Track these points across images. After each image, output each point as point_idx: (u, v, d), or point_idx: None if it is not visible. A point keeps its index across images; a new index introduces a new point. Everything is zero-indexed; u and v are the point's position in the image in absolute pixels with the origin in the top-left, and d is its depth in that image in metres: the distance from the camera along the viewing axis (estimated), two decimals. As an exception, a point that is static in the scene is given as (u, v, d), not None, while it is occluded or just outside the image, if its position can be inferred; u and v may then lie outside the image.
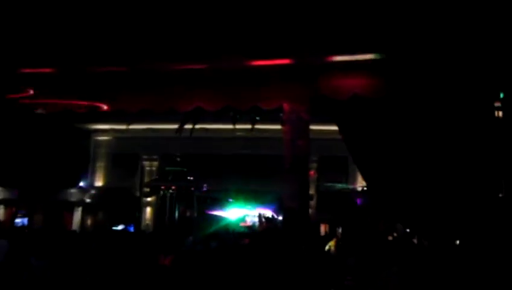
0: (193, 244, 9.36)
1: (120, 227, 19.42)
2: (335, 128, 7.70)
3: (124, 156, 20.33)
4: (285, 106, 7.71)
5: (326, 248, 9.36)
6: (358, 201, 19.65)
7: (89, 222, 19.07)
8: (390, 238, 14.61)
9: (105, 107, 7.85)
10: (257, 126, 10.66)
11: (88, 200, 19.12)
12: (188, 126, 10.19)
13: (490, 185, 6.63)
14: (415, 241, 10.53)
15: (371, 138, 6.98)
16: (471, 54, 6.40)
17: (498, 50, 6.31)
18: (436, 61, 6.55)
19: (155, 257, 7.13)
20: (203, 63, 7.24)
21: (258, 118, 9.90)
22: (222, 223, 20.48)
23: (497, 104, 6.84)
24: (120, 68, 7.42)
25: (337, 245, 8.38)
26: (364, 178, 7.43)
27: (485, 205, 6.54)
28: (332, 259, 8.00)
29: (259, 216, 18.03)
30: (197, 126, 10.21)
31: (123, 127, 18.99)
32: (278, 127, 9.17)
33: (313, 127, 9.15)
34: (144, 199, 21.04)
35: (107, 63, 7.30)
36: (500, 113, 6.76)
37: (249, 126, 10.87)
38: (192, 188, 20.39)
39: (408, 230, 10.17)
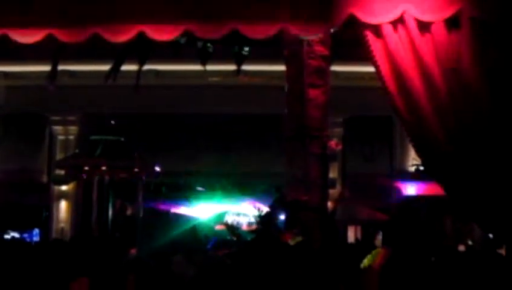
0: (137, 262, 9.43)
1: (13, 235, 19.45)
2: (371, 69, 7.69)
3: (21, 118, 20.26)
4: (287, 33, 7.67)
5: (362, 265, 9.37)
6: (410, 189, 19.86)
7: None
8: (462, 248, 14.85)
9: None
10: (245, 67, 10.64)
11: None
12: (129, 68, 10.13)
13: None
14: (503, 253, 10.68)
15: (435, 82, 7.01)
16: None
17: None
18: None
19: (74, 284, 7.16)
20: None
21: (245, 51, 9.88)
22: (186, 226, 20.61)
23: None
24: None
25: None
26: (420, 151, 7.46)
27: None
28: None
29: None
30: (145, 68, 10.20)
31: (20, 69, 18.80)
32: (280, 68, 9.16)
33: (335, 68, 9.13)
34: (56, 187, 21.07)
35: None
36: None
37: (229, 67, 10.81)
38: (137, 169, 20.35)
39: (492, 235, 10.30)
